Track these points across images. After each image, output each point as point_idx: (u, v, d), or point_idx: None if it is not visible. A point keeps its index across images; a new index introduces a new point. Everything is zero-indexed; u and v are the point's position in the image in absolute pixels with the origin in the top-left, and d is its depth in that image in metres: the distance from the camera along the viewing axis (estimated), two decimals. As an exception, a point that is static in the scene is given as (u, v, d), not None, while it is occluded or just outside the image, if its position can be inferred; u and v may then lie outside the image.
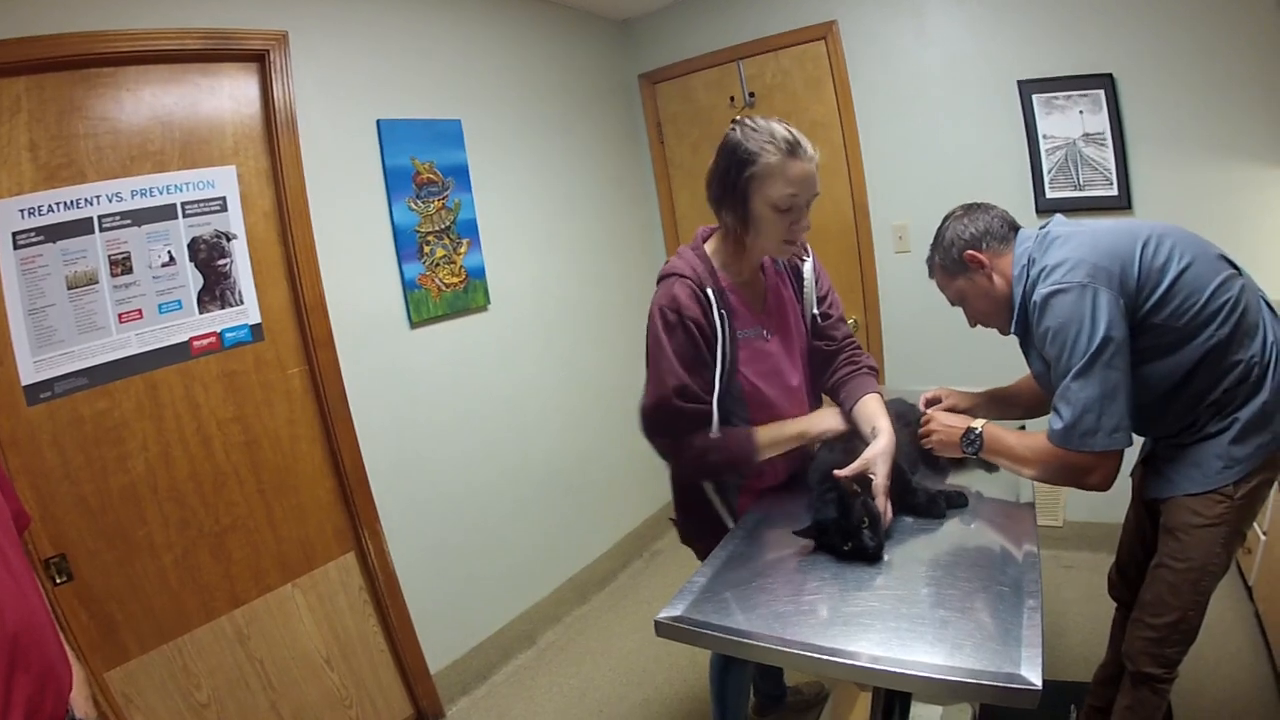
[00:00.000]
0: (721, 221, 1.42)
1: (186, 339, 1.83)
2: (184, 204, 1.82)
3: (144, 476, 1.75)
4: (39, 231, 1.60)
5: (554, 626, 2.77)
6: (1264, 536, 2.00)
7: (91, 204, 1.67)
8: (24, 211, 1.58)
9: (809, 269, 1.55)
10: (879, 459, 1.28)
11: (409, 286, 2.32)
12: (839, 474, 1.23)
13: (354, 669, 2.15)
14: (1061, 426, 1.23)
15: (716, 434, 1.37)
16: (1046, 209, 2.54)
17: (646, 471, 3.03)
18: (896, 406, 1.55)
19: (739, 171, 1.32)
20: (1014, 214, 1.48)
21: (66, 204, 1.64)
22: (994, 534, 1.29)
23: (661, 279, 1.44)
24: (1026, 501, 1.39)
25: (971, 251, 1.42)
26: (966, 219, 1.45)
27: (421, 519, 2.34)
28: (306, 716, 2.02)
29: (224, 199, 1.90)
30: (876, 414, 1.41)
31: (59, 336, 1.62)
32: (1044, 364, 1.33)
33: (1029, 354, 1.44)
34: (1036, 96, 2.53)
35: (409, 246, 2.33)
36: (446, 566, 2.42)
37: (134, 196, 1.74)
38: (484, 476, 2.56)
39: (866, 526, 1.19)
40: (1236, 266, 1.33)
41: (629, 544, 3.21)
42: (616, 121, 3.31)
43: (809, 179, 1.32)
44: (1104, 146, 2.45)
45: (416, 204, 2.36)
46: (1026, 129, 2.56)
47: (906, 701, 1.32)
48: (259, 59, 1.97)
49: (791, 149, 1.29)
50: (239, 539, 1.91)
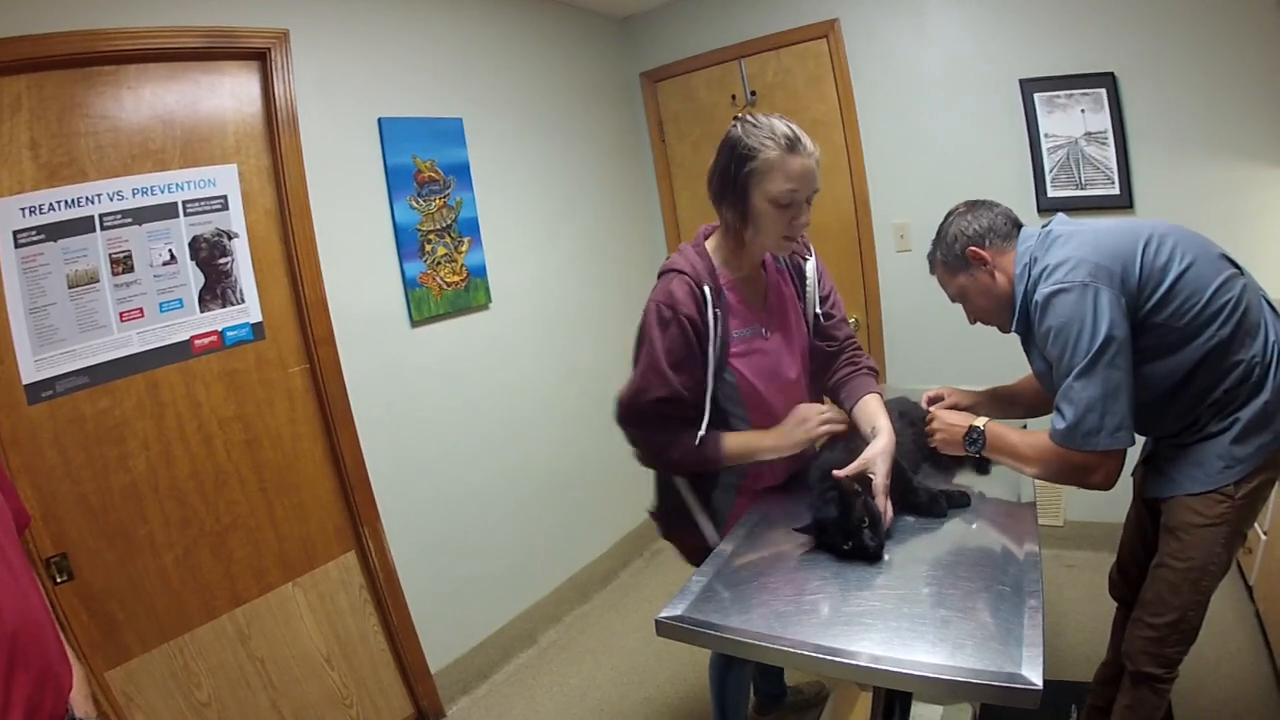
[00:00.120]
0: (722, 218, 1.42)
1: (187, 338, 1.83)
2: (185, 202, 1.82)
3: (145, 475, 1.75)
4: (40, 230, 1.60)
5: (555, 625, 2.77)
6: (1264, 536, 2.00)
7: (92, 202, 1.67)
8: (25, 210, 1.58)
9: (811, 268, 1.55)
10: (879, 458, 1.28)
11: (410, 285, 2.32)
12: (839, 473, 1.23)
13: (354, 668, 2.15)
14: (1064, 426, 1.23)
15: (701, 432, 1.38)
16: (1048, 208, 2.53)
17: (647, 471, 3.02)
18: (899, 405, 1.55)
19: (739, 167, 1.32)
20: (1015, 213, 1.48)
21: (67, 202, 1.64)
22: (995, 533, 1.29)
23: (661, 274, 1.44)
24: (1028, 501, 1.39)
25: (974, 248, 1.42)
26: (970, 215, 1.45)
27: (422, 518, 2.34)
28: (307, 715, 2.02)
29: (225, 197, 1.90)
30: (876, 413, 1.42)
31: (60, 335, 1.62)
32: (1045, 363, 1.32)
33: (1030, 353, 1.44)
34: (1038, 95, 2.52)
35: (410, 245, 2.33)
36: (447, 565, 2.42)
37: (135, 195, 1.74)
38: (485, 475, 2.56)
39: (866, 526, 1.19)
40: (1238, 266, 1.33)
41: (629, 543, 3.21)
42: (618, 120, 3.30)
43: (809, 174, 1.32)
44: (1105, 145, 2.45)
45: (418, 202, 2.36)
46: (1028, 128, 2.56)
47: (907, 701, 1.32)
48: (260, 57, 1.97)
49: (791, 144, 1.29)
50: (240, 538, 1.91)
